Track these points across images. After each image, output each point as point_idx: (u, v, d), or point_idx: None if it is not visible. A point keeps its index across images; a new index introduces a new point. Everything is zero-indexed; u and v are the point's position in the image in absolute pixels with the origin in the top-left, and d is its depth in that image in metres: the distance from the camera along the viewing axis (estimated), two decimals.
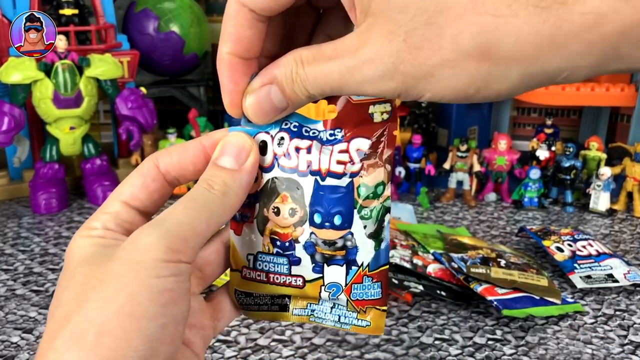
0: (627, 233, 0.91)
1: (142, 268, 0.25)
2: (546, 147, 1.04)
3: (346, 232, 0.31)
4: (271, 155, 0.31)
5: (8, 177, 1.03)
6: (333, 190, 0.30)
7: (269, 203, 0.31)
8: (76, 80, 0.94)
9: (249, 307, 0.33)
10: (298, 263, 0.31)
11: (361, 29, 0.25)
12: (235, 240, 0.32)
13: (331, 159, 0.30)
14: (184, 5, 1.24)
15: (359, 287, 0.31)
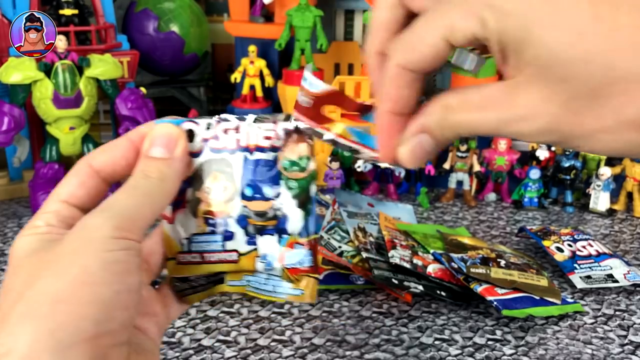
0: (627, 233, 0.91)
1: (93, 244, 0.26)
2: (546, 147, 1.04)
3: (276, 202, 0.32)
4: (200, 140, 0.32)
5: (8, 177, 1.03)
6: (261, 163, 0.32)
7: (201, 185, 0.32)
8: (76, 81, 0.94)
9: (185, 292, 0.34)
10: (231, 238, 0.33)
11: (512, 82, 0.27)
12: (168, 228, 0.33)
13: (259, 135, 0.32)
14: (184, 5, 1.24)
15: (291, 254, 0.33)
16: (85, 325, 0.25)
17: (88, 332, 0.25)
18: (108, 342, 0.26)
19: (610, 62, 0.23)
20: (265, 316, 0.67)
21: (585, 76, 0.23)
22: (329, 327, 0.65)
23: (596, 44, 0.23)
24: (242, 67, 1.13)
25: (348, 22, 1.29)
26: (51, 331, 0.24)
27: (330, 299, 0.71)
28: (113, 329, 0.26)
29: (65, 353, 0.24)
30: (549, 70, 0.24)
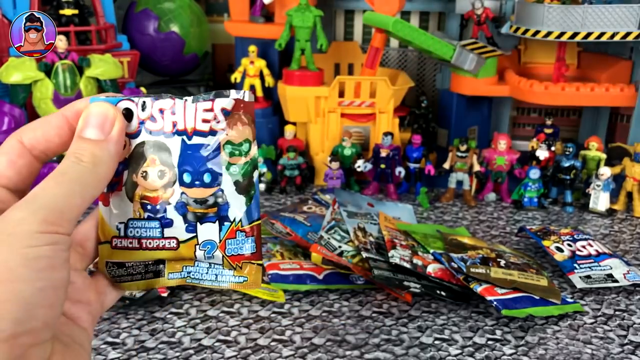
0: (627, 233, 0.91)
1: (14, 239, 0.25)
2: (546, 147, 1.04)
3: (216, 189, 0.31)
4: (136, 121, 0.31)
5: None
6: (200, 148, 0.31)
7: (138, 168, 0.31)
8: (76, 80, 0.94)
9: (121, 279, 0.33)
10: (170, 225, 0.32)
11: None
12: (103, 211, 0.32)
13: (196, 117, 0.31)
14: (184, 5, 1.24)
15: (233, 242, 0.32)
16: (3, 325, 0.23)
17: (5, 332, 0.23)
18: (28, 342, 0.24)
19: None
20: (265, 316, 0.67)
21: None
22: (329, 327, 0.65)
23: None
24: (242, 67, 1.13)
25: (348, 22, 1.29)
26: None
27: (330, 299, 0.71)
28: (35, 327, 0.24)
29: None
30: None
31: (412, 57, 1.30)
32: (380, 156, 1.00)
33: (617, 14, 1.00)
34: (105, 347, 0.61)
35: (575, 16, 1.00)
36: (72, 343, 0.29)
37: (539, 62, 1.21)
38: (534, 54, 1.21)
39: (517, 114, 1.29)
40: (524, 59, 1.22)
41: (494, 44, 1.16)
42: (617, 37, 1.01)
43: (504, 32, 1.13)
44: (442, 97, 1.23)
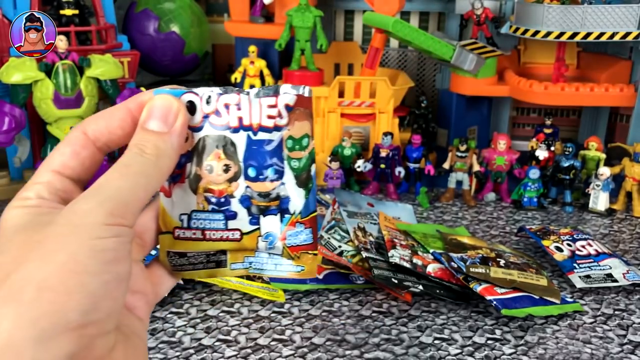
0: (626, 233, 0.91)
1: (83, 231, 0.25)
2: (545, 147, 1.04)
3: (279, 183, 0.32)
4: (200, 115, 0.31)
5: (9, 177, 1.03)
6: (265, 143, 0.32)
7: (202, 161, 0.32)
8: (77, 81, 0.94)
9: (182, 268, 0.33)
10: (234, 217, 0.32)
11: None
12: (165, 202, 0.32)
13: (261, 113, 0.31)
14: (184, 5, 1.24)
15: (292, 233, 0.33)
16: (71, 316, 0.24)
17: (73, 322, 0.24)
18: (94, 332, 0.25)
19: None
20: (265, 315, 0.67)
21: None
22: (329, 326, 0.65)
23: None
24: (242, 67, 1.14)
25: (348, 22, 1.29)
26: (34, 319, 0.23)
27: (330, 299, 0.71)
28: (100, 318, 0.25)
29: (48, 343, 0.23)
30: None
31: (412, 57, 1.30)
32: (380, 156, 1.01)
33: (617, 14, 1.00)
34: None
35: (575, 16, 1.00)
36: (131, 334, 0.30)
37: (539, 62, 1.21)
38: (533, 54, 1.21)
39: (517, 114, 1.29)
40: (523, 59, 1.22)
41: (493, 44, 1.16)
42: (616, 37, 1.01)
43: (504, 32, 1.13)
44: (441, 97, 1.23)
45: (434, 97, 1.30)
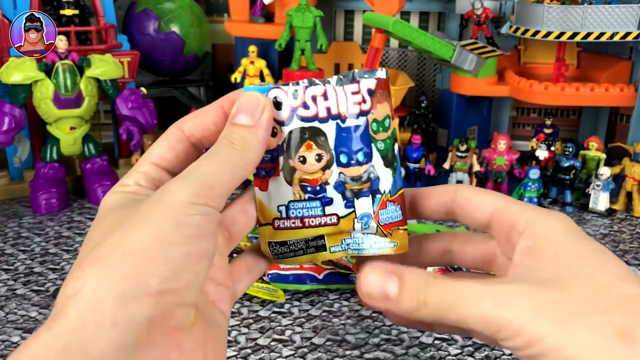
0: (627, 233, 0.91)
1: (169, 207, 0.27)
2: (546, 147, 1.04)
3: (369, 165, 0.34)
4: (288, 109, 0.32)
5: (8, 177, 1.03)
6: (353, 130, 0.33)
7: (294, 154, 0.33)
8: (77, 81, 0.94)
9: (284, 255, 0.35)
10: (331, 203, 0.34)
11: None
12: (261, 196, 0.34)
13: (347, 101, 0.33)
14: (184, 5, 1.24)
15: (384, 212, 0.34)
16: (151, 281, 0.25)
17: (153, 288, 0.25)
18: (172, 300, 0.26)
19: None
20: (265, 316, 0.67)
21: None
22: (329, 326, 0.65)
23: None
24: (242, 67, 1.14)
25: (348, 22, 1.29)
26: (116, 281, 0.25)
27: (330, 299, 0.71)
28: (179, 288, 0.26)
29: (129, 304, 0.25)
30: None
31: (412, 57, 1.30)
32: None
33: (617, 14, 1.00)
34: None
35: (575, 16, 1.00)
36: (213, 322, 0.31)
37: (539, 62, 1.21)
38: (533, 54, 1.21)
39: (517, 114, 1.29)
40: (523, 59, 1.22)
41: (493, 44, 1.16)
42: (616, 37, 1.01)
43: (504, 32, 1.13)
44: (442, 97, 1.23)
45: (434, 97, 1.30)
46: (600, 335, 0.26)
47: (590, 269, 0.28)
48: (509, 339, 0.27)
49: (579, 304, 0.27)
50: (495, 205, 0.34)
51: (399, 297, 0.31)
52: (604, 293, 0.27)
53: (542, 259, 0.30)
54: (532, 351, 0.27)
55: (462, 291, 0.29)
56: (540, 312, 0.27)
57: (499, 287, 0.29)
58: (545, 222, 0.31)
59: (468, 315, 0.29)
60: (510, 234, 0.32)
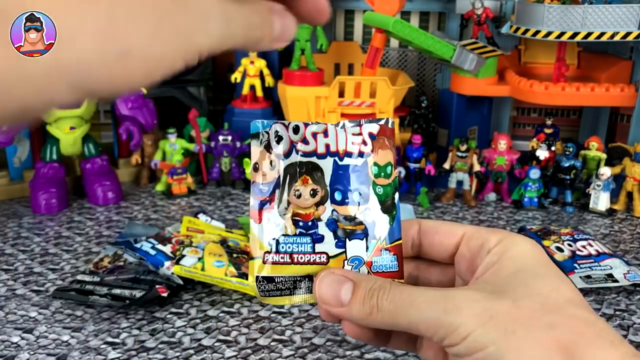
0: (627, 233, 0.91)
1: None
2: (546, 147, 1.04)
3: (364, 207, 0.33)
4: (287, 143, 0.33)
5: (8, 177, 1.03)
6: (351, 169, 0.33)
7: (289, 188, 0.33)
8: None
9: (270, 294, 0.34)
10: (321, 240, 0.33)
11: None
12: (255, 229, 0.33)
13: (347, 141, 0.33)
14: None
15: (378, 259, 0.34)
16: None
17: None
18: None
19: None
20: (266, 316, 0.67)
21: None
22: (329, 326, 0.65)
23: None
24: (242, 67, 1.13)
25: (348, 22, 1.29)
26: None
27: None
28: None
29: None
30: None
31: (412, 57, 1.30)
32: None
33: (617, 14, 1.00)
34: (105, 347, 0.61)
35: (575, 16, 1.00)
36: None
37: (539, 62, 1.21)
38: (534, 54, 1.21)
39: (517, 114, 1.29)
40: (524, 59, 1.22)
41: (494, 44, 1.16)
42: (617, 37, 1.01)
43: (504, 32, 1.13)
44: (442, 97, 1.23)
45: (434, 97, 1.30)
46: (542, 349, 0.26)
47: (546, 288, 0.29)
48: (455, 345, 0.28)
49: (527, 316, 0.27)
50: (465, 230, 0.34)
51: (352, 301, 0.31)
52: (553, 311, 0.28)
53: (501, 274, 0.30)
54: (475, 358, 0.27)
55: (416, 296, 0.30)
56: (488, 320, 0.27)
57: (452, 293, 0.29)
58: (515, 243, 0.31)
59: (419, 319, 0.29)
60: (477, 256, 0.32)
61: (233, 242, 0.79)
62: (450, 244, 0.34)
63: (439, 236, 0.35)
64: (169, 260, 0.71)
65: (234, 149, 1.06)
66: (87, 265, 0.78)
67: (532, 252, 0.31)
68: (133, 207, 0.98)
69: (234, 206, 0.99)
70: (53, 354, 0.60)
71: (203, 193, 1.04)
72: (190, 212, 0.96)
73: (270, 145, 0.33)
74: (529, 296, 0.28)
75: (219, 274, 0.70)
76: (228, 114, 1.16)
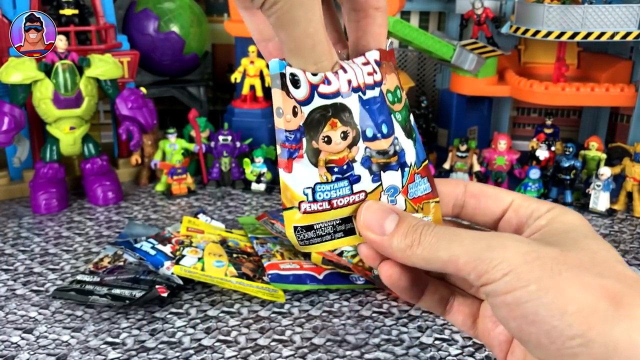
0: (627, 233, 0.91)
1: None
2: (546, 147, 1.04)
3: (393, 137, 0.32)
4: (307, 87, 0.30)
5: (8, 177, 1.03)
6: (373, 101, 0.31)
7: (317, 134, 0.31)
8: (76, 81, 0.94)
9: (310, 241, 0.33)
10: (358, 180, 0.32)
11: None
12: (286, 178, 0.32)
13: (363, 72, 0.31)
14: (184, 5, 1.24)
15: (413, 186, 0.33)
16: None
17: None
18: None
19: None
20: (265, 316, 0.67)
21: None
22: (329, 327, 0.65)
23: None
24: (242, 67, 1.13)
25: None
26: None
27: (330, 299, 0.71)
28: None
29: None
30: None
31: (412, 57, 1.30)
32: None
33: (617, 14, 1.00)
34: (105, 347, 0.61)
35: (575, 16, 1.00)
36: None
37: (539, 62, 1.21)
38: (534, 54, 1.21)
39: (517, 114, 1.29)
40: (524, 59, 1.22)
41: (494, 44, 1.16)
42: (617, 37, 1.01)
43: (504, 32, 1.13)
44: (442, 97, 1.23)
45: (434, 97, 1.30)
46: (588, 292, 0.25)
47: (596, 247, 0.28)
48: (494, 281, 0.27)
49: (576, 263, 0.26)
50: (513, 197, 0.33)
51: (395, 232, 0.30)
52: (602, 264, 0.27)
53: (551, 234, 0.29)
54: (513, 296, 0.26)
55: (459, 232, 0.29)
56: (534, 259, 0.26)
57: (498, 233, 0.29)
58: (565, 212, 0.31)
59: (461, 252, 0.28)
60: (525, 224, 0.31)
61: (233, 242, 0.79)
62: (497, 209, 0.33)
63: (485, 199, 0.34)
64: (169, 260, 0.71)
65: (234, 149, 1.06)
66: (87, 265, 0.78)
67: (582, 221, 0.30)
68: (133, 207, 0.98)
69: (234, 206, 0.99)
70: (53, 354, 0.60)
71: (203, 193, 1.04)
72: (190, 212, 0.96)
73: (289, 90, 0.30)
74: (578, 249, 0.27)
75: (219, 274, 0.70)
76: (228, 114, 1.16)
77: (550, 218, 0.30)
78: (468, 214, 0.34)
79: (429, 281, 0.34)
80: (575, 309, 0.25)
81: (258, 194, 1.04)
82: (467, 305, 0.33)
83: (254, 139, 1.10)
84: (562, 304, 0.25)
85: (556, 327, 0.25)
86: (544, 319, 0.25)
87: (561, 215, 0.30)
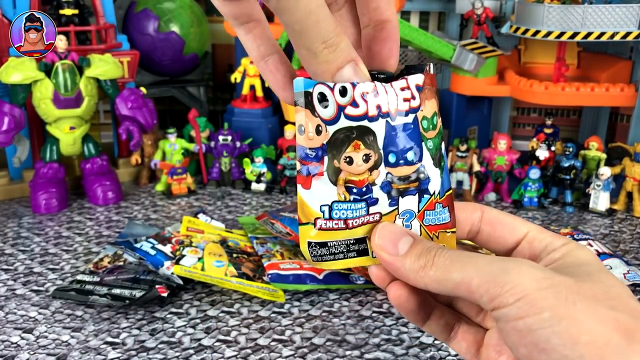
0: (627, 233, 0.91)
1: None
2: (546, 147, 1.04)
3: (419, 165, 0.32)
4: (334, 107, 0.30)
5: (8, 177, 1.03)
6: (403, 128, 0.31)
7: (339, 154, 0.31)
8: (76, 81, 0.94)
9: (323, 258, 0.33)
10: (376, 203, 0.32)
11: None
12: (304, 194, 0.32)
13: (398, 97, 0.31)
14: (184, 5, 1.24)
15: (431, 213, 0.33)
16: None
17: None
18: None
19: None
20: (265, 316, 0.67)
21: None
22: (329, 326, 0.65)
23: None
24: (242, 67, 1.13)
25: None
26: None
27: (330, 299, 0.71)
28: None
29: None
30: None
31: (412, 57, 1.30)
32: None
33: (617, 14, 1.00)
34: (105, 347, 0.61)
35: (575, 16, 1.00)
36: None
37: (539, 62, 1.21)
38: (534, 54, 1.21)
39: (517, 114, 1.29)
40: (524, 59, 1.22)
41: (494, 44, 1.16)
42: (617, 37, 1.01)
43: (504, 32, 1.13)
44: (442, 97, 1.23)
45: None
46: (602, 324, 0.25)
47: (609, 281, 0.28)
48: (506, 306, 0.26)
49: (589, 294, 0.26)
50: (529, 228, 0.33)
51: (409, 252, 0.30)
52: (616, 298, 0.27)
53: (564, 265, 0.30)
54: (525, 322, 0.26)
55: (473, 256, 0.29)
56: (549, 286, 0.26)
57: (513, 259, 0.29)
58: (579, 248, 0.31)
59: (473, 274, 0.28)
60: (538, 257, 0.32)
61: (233, 242, 0.79)
62: (512, 239, 0.33)
63: (501, 228, 0.34)
64: (168, 260, 0.71)
65: (233, 149, 1.06)
66: (87, 265, 0.78)
67: (595, 257, 0.30)
68: (133, 207, 0.98)
69: (234, 206, 0.99)
70: (53, 354, 0.60)
71: (203, 193, 1.04)
72: (190, 212, 0.96)
73: (314, 108, 0.30)
74: (592, 282, 0.27)
75: (219, 274, 0.70)
76: (228, 114, 1.16)
77: (564, 252, 0.30)
78: (482, 240, 0.35)
79: (435, 306, 0.34)
80: (588, 339, 0.25)
81: (258, 193, 1.04)
82: (472, 333, 0.33)
83: (254, 139, 1.10)
84: (575, 334, 0.25)
85: (567, 357, 0.25)
86: (555, 348, 0.25)
87: (575, 250, 0.30)
